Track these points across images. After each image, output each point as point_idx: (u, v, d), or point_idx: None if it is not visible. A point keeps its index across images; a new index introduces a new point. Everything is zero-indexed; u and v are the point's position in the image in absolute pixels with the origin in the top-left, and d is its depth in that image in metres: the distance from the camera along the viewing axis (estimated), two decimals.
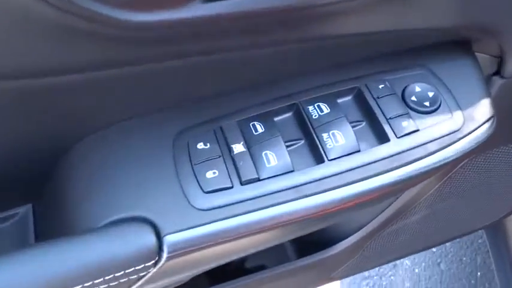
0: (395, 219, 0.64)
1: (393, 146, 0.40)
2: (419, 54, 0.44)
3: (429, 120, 0.42)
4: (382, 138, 0.41)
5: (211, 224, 0.37)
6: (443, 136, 0.41)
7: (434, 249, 1.36)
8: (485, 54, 0.46)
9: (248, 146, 0.39)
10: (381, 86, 0.42)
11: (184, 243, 0.36)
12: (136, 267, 0.35)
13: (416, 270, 1.32)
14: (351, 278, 1.36)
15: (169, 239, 0.36)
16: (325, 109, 0.41)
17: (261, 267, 0.61)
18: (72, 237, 0.35)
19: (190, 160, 0.39)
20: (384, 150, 0.40)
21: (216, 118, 0.40)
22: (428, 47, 0.44)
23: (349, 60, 0.43)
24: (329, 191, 0.39)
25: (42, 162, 0.39)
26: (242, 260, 0.62)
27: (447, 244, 1.37)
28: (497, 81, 0.47)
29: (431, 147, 0.40)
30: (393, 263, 1.37)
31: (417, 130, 0.41)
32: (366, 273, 1.37)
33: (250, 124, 0.40)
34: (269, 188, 0.38)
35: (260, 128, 0.40)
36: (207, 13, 0.32)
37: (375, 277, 1.33)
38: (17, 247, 0.38)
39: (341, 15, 0.37)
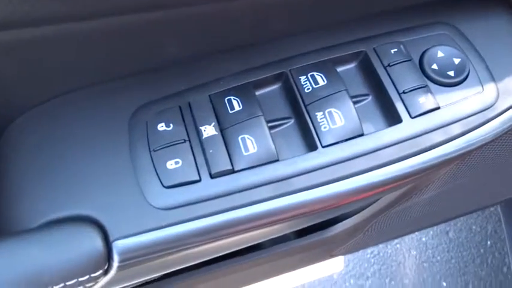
0: (404, 199, 0.58)
1: (406, 128, 0.34)
2: (443, 10, 0.38)
3: (454, 94, 0.35)
4: (393, 118, 0.35)
5: (172, 227, 0.31)
6: (471, 115, 0.35)
7: None
8: None
9: (221, 127, 0.33)
10: (393, 51, 0.36)
11: (138, 250, 0.31)
12: (80, 279, 0.30)
13: (423, 239, 1.31)
14: None
15: (119, 245, 0.31)
16: (321, 80, 0.35)
17: (259, 247, 0.58)
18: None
19: (149, 145, 0.33)
20: (394, 133, 0.34)
21: (183, 91, 0.35)
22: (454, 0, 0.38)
23: (352, 17, 0.37)
24: (322, 186, 0.33)
25: None
26: None
27: None
28: None
29: (455, 129, 0.35)
30: None
31: (437, 108, 0.35)
32: None
33: (226, 99, 0.34)
34: (246, 182, 0.32)
35: (237, 105, 0.34)
36: None
37: (380, 245, 1.34)
38: None
39: None
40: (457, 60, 0.36)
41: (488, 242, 1.28)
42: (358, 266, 1.30)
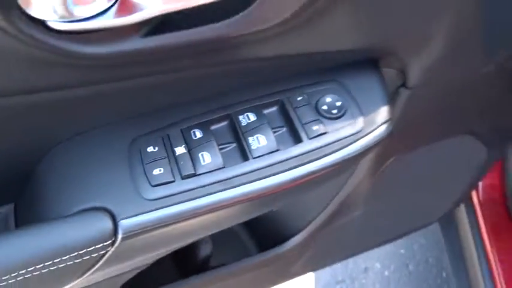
0: (338, 215, 0.70)
1: (306, 145, 0.46)
2: (333, 71, 0.50)
3: (336, 124, 0.47)
4: (297, 139, 0.47)
5: (158, 211, 0.43)
6: (346, 137, 0.47)
7: (403, 251, 1.38)
8: (391, 68, 0.52)
9: (188, 148, 0.45)
10: (299, 98, 0.48)
11: (136, 226, 0.42)
12: (96, 246, 0.41)
13: (386, 273, 1.35)
14: (325, 281, 1.36)
15: (123, 223, 0.42)
16: (253, 118, 0.47)
17: (219, 265, 0.65)
18: (42, 223, 0.41)
19: (142, 161, 0.44)
20: (298, 149, 0.46)
21: (164, 128, 0.46)
22: (342, 64, 0.50)
23: (274, 77, 0.49)
24: (253, 182, 0.45)
25: (20, 166, 0.45)
26: (200, 257, 0.67)
27: (414, 245, 1.38)
28: (404, 92, 0.53)
29: (336, 146, 0.47)
30: (364, 266, 1.38)
31: (325, 132, 0.47)
32: (339, 277, 1.37)
33: (191, 131, 0.46)
34: (204, 181, 0.44)
35: (199, 134, 0.46)
36: (144, 45, 0.40)
37: (347, 280, 1.36)
38: None
39: (258, 42, 0.45)
40: (338, 103, 0.48)
41: (444, 274, 1.30)
42: None
